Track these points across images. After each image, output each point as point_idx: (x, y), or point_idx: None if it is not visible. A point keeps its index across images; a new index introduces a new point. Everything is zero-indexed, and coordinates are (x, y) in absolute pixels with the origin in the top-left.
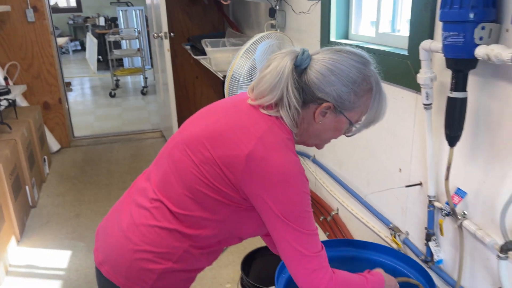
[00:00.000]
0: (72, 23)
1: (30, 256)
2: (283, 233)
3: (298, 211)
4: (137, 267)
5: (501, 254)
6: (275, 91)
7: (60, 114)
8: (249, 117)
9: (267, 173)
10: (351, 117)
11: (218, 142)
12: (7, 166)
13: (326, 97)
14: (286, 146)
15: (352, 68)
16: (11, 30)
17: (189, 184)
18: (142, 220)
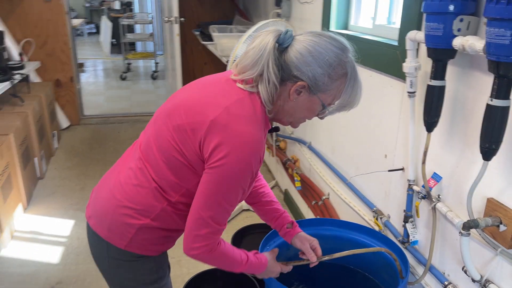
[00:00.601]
0: (89, 6)
1: (35, 223)
2: (206, 188)
3: (232, 179)
4: (119, 221)
5: (463, 231)
6: (257, 66)
7: (71, 92)
8: (223, 89)
9: (226, 139)
10: (324, 99)
11: (190, 111)
12: (18, 137)
13: (301, 75)
14: (251, 121)
15: (329, 51)
16: (28, 8)
17: (164, 150)
18: (127, 180)
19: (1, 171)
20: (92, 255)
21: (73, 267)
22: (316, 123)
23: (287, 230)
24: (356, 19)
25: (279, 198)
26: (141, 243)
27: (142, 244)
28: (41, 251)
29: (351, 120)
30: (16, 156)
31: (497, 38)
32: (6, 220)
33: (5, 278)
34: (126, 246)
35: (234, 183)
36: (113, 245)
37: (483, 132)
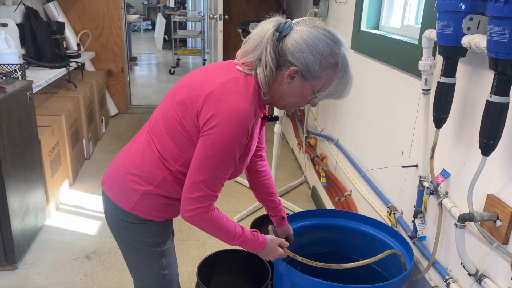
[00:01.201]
0: (147, 4)
1: (78, 198)
2: (199, 154)
3: (223, 146)
4: (126, 186)
5: (458, 223)
6: (256, 50)
7: (121, 82)
8: (222, 69)
9: (220, 109)
10: (315, 85)
11: (191, 87)
12: (69, 119)
13: (295, 61)
14: (243, 96)
15: (322, 42)
16: (87, 2)
17: (169, 123)
18: (135, 151)
19: (52, 148)
20: (105, 218)
21: (108, 240)
22: (343, 120)
23: (278, 221)
24: (388, 19)
25: (307, 194)
26: (145, 208)
27: (146, 209)
28: (80, 223)
29: (374, 118)
30: (66, 136)
31: (496, 35)
32: (53, 193)
33: (48, 244)
34: (132, 209)
35: (223, 149)
36: (121, 207)
37: (482, 127)
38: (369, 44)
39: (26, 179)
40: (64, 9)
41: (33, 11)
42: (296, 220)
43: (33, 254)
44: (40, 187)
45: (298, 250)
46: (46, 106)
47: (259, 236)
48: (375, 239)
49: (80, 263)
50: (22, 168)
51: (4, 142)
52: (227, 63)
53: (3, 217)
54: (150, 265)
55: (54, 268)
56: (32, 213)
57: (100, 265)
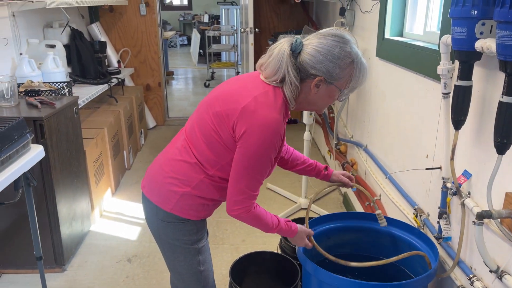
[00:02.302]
0: (182, 20)
1: (120, 206)
2: (240, 162)
3: (260, 154)
4: (165, 189)
5: (476, 220)
6: (278, 73)
7: (159, 96)
8: (252, 83)
9: (255, 121)
10: (340, 85)
11: (226, 100)
12: (110, 131)
13: (317, 72)
14: (274, 107)
15: (335, 48)
16: (127, 21)
17: (205, 132)
18: (173, 156)
19: (96, 158)
20: (146, 219)
21: (147, 244)
22: (371, 126)
23: (325, 173)
24: (411, 26)
25: (339, 200)
26: (183, 208)
27: (184, 209)
28: (122, 229)
29: (400, 123)
30: (108, 148)
31: (504, 39)
32: (97, 200)
33: (93, 248)
34: (171, 210)
35: (261, 158)
36: (161, 208)
37: (496, 127)
38: (393, 51)
39: (73, 188)
40: (106, 29)
41: (78, 32)
42: (324, 223)
43: (80, 257)
44: (85, 195)
45: (326, 251)
46: (90, 120)
47: (291, 225)
48: (402, 241)
49: (122, 265)
50: (70, 177)
51: (54, 153)
52: (255, 76)
53: (54, 223)
54: (187, 262)
55: (98, 270)
56: (78, 219)
57: (140, 267)
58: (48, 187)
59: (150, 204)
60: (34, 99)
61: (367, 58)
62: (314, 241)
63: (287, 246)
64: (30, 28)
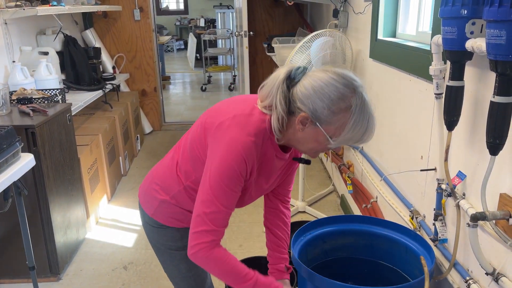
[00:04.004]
0: (179, 24)
1: (116, 212)
2: (202, 185)
3: (223, 181)
4: (149, 194)
5: (470, 223)
6: (270, 96)
7: (155, 101)
8: (244, 103)
9: (222, 139)
10: (328, 131)
11: (212, 112)
12: (105, 137)
13: (303, 107)
14: (248, 130)
15: (330, 86)
16: (121, 27)
17: (191, 140)
18: (164, 163)
19: (90, 165)
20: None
21: (143, 251)
22: None
23: (281, 270)
24: (404, 27)
25: (336, 203)
26: (163, 214)
27: (164, 215)
28: (118, 236)
29: (394, 124)
30: (103, 154)
31: (494, 38)
32: (93, 208)
33: (89, 256)
34: (153, 215)
35: (221, 181)
36: (145, 212)
37: (488, 127)
38: (386, 52)
39: (67, 195)
40: (100, 35)
41: (71, 39)
42: (320, 226)
43: (75, 265)
44: (80, 202)
45: (321, 256)
46: (85, 127)
47: (272, 281)
48: (398, 244)
49: (118, 273)
50: (64, 185)
51: (47, 161)
52: (252, 98)
53: (47, 231)
54: (175, 266)
55: (94, 278)
56: (73, 227)
57: (136, 275)
58: (41, 195)
59: (140, 207)
60: (26, 107)
61: (361, 60)
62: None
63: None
64: (23, 35)
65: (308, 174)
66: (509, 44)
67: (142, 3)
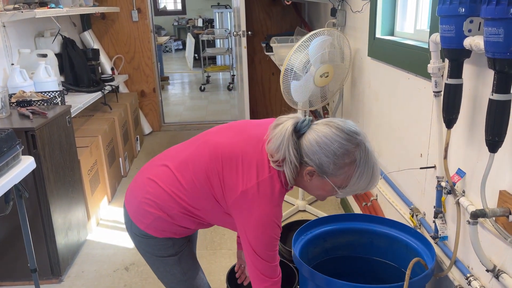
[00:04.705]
0: (177, 25)
1: (117, 214)
2: (252, 259)
3: (266, 249)
4: (142, 208)
5: (471, 220)
6: (280, 151)
7: (154, 102)
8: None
9: (251, 215)
10: (334, 182)
11: (229, 165)
12: (105, 139)
13: (310, 162)
14: (273, 199)
15: (335, 142)
16: (119, 28)
17: (199, 175)
18: (156, 178)
19: (90, 167)
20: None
21: None
22: (366, 126)
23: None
24: (402, 25)
25: (337, 201)
26: (157, 228)
27: (158, 229)
28: (120, 237)
29: (393, 122)
30: (103, 155)
31: (492, 36)
32: (93, 209)
33: (90, 257)
34: (145, 228)
35: (266, 249)
36: (136, 224)
37: (487, 125)
38: (384, 50)
39: (68, 197)
40: (98, 36)
41: (70, 41)
42: (320, 225)
43: (76, 267)
44: (81, 204)
45: (322, 254)
46: (84, 128)
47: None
48: (399, 241)
49: (120, 274)
50: (64, 187)
51: (47, 163)
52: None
53: (49, 233)
54: (169, 272)
55: (96, 280)
56: (74, 229)
57: (138, 276)
58: (42, 197)
59: (127, 217)
60: (26, 110)
61: (359, 58)
62: None
63: (283, 249)
64: (21, 38)
65: None
66: (507, 42)
67: (140, 4)
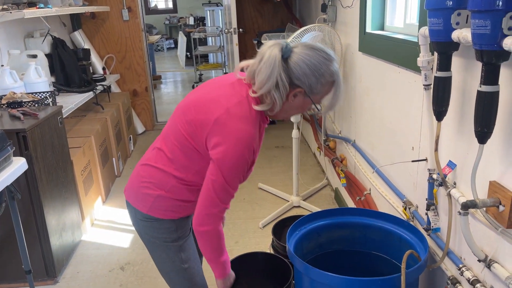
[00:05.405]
0: (168, 23)
1: (111, 214)
2: (215, 186)
3: (232, 167)
4: (141, 192)
5: (462, 211)
6: (272, 78)
7: (146, 101)
8: (229, 90)
9: (226, 134)
10: (315, 99)
11: (199, 109)
12: (98, 139)
13: (300, 84)
14: (248, 120)
15: (322, 64)
16: (110, 27)
17: (178, 138)
18: (148, 161)
19: (84, 167)
20: (131, 220)
21: (140, 251)
22: (358, 121)
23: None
24: (392, 19)
25: (330, 196)
26: (159, 209)
27: (160, 210)
28: (114, 237)
29: (385, 116)
30: (96, 156)
31: (479, 28)
32: (88, 210)
33: (85, 258)
34: (148, 211)
35: (233, 170)
36: (139, 210)
37: (475, 116)
38: (375, 45)
39: (61, 198)
40: (89, 36)
41: (60, 41)
42: (314, 220)
43: (72, 268)
44: (75, 205)
45: (317, 249)
46: (76, 129)
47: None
48: (392, 234)
49: (116, 274)
50: (57, 188)
51: (39, 165)
52: (231, 81)
53: (43, 235)
54: (170, 259)
55: (91, 280)
56: (69, 229)
57: (134, 275)
58: (35, 199)
59: (130, 207)
60: (16, 111)
61: (350, 53)
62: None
63: (278, 245)
64: (11, 39)
65: (301, 169)
66: (493, 34)
67: (130, 3)
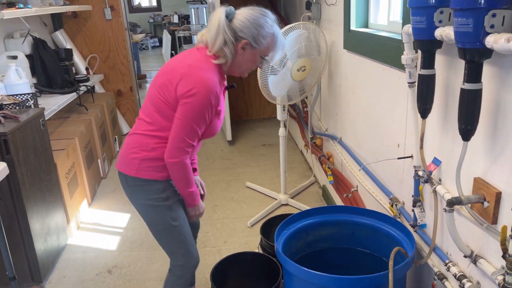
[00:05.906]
0: (152, 22)
1: (97, 216)
2: (182, 116)
3: (198, 108)
4: (128, 158)
5: (447, 208)
6: (219, 35)
7: (131, 101)
8: (189, 55)
9: (193, 81)
10: (262, 51)
11: (167, 72)
12: (82, 140)
13: (244, 35)
14: (208, 70)
15: (260, 18)
16: (92, 27)
17: (154, 103)
18: (132, 131)
19: (68, 170)
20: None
21: (127, 253)
22: (344, 118)
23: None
24: (375, 17)
25: (318, 194)
26: (145, 170)
27: (147, 171)
28: (101, 239)
29: (370, 114)
30: (81, 158)
31: (461, 26)
32: (73, 213)
33: (72, 262)
34: (136, 174)
35: (200, 111)
36: (128, 175)
37: (459, 114)
38: (359, 43)
39: (45, 202)
40: (71, 36)
41: (41, 41)
42: (302, 219)
43: (58, 272)
44: (59, 208)
45: (305, 248)
46: (60, 131)
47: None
48: (379, 231)
49: (103, 277)
50: (41, 192)
51: (22, 168)
52: (191, 50)
53: (26, 240)
54: (160, 217)
55: (78, 284)
56: (54, 233)
57: (121, 278)
58: (18, 203)
59: (121, 176)
60: None
61: (335, 51)
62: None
63: (267, 245)
64: None
65: (289, 166)
66: (476, 32)
67: (113, 1)
